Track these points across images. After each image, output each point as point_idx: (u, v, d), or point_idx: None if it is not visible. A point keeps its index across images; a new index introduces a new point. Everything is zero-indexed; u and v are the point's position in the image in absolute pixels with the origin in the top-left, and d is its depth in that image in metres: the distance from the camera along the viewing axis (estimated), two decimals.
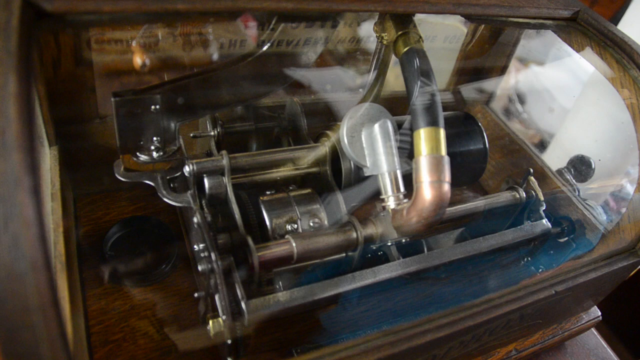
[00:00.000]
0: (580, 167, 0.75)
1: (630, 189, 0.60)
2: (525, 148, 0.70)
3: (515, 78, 1.58)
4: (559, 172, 0.69)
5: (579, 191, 0.67)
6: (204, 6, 0.37)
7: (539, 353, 0.62)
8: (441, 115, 0.45)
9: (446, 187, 0.43)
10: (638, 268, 0.57)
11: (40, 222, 0.25)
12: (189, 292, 0.53)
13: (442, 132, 0.44)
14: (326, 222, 0.50)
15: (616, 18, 1.13)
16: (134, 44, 0.58)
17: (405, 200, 0.48)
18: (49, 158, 0.52)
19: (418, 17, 0.50)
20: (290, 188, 0.53)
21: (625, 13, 1.00)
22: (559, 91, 1.25)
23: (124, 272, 0.53)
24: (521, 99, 1.56)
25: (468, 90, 0.73)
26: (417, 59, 0.47)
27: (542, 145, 1.11)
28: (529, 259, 0.63)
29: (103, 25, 0.48)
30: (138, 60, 0.59)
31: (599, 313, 0.65)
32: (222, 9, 0.38)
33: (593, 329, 0.68)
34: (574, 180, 0.67)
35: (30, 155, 0.25)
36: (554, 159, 1.00)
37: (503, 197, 0.58)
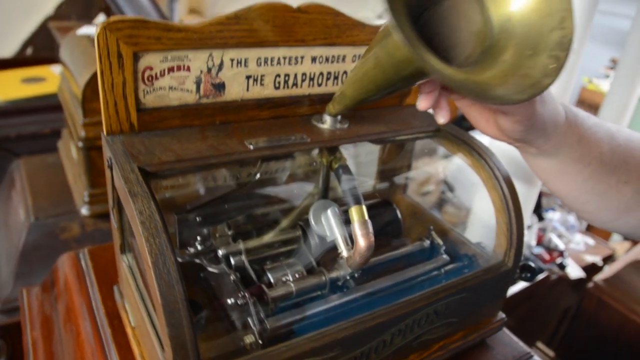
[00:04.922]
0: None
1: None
2: (434, 217, 1.04)
3: (443, 174, 2.00)
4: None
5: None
6: (226, 159, 0.72)
7: (465, 349, 0.90)
8: (362, 199, 0.79)
9: (372, 236, 0.76)
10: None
11: (171, 249, 0.56)
12: (220, 329, 0.81)
13: (364, 207, 0.78)
14: (305, 274, 0.82)
15: None
16: None
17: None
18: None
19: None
20: (281, 259, 0.85)
21: None
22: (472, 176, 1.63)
23: None
24: (450, 188, 1.95)
25: (388, 185, 1.10)
26: (344, 171, 0.83)
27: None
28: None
29: (175, 175, 0.83)
30: None
31: (504, 315, 0.95)
32: (235, 160, 0.73)
33: (505, 329, 0.97)
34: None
35: (166, 234, 0.58)
36: (469, 229, 1.35)
37: (414, 246, 0.91)
